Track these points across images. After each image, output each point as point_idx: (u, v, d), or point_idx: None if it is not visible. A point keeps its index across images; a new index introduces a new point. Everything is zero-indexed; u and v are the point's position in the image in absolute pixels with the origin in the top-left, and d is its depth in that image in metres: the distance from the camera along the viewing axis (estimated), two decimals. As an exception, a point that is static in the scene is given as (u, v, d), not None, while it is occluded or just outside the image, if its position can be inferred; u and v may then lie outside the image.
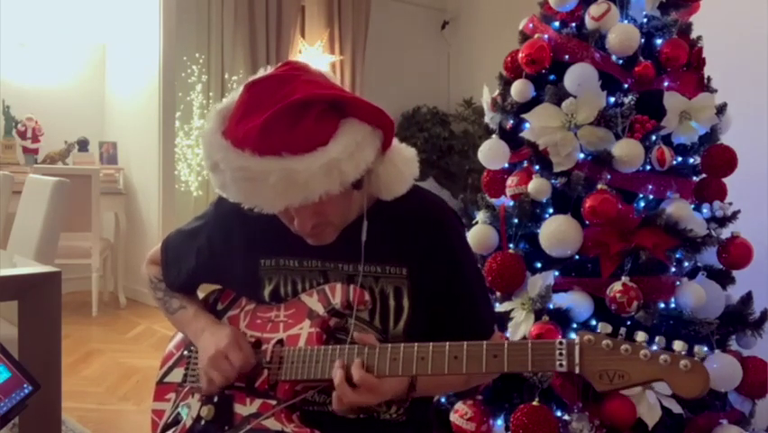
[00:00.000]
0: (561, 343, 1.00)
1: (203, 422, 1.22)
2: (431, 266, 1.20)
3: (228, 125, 1.06)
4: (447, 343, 1.06)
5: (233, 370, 1.18)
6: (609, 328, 1.00)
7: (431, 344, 1.07)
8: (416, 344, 1.08)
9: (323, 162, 1.00)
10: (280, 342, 1.21)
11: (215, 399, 1.22)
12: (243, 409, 1.20)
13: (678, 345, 0.96)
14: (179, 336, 1.40)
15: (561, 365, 0.99)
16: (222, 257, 1.30)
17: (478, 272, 1.34)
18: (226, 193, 1.08)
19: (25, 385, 1.02)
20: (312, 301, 1.21)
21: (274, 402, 1.18)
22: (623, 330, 0.99)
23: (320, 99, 1.03)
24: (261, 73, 1.10)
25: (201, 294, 1.42)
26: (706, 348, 1.86)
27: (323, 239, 1.16)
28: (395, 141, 1.14)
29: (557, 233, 1.88)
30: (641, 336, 0.98)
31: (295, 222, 1.11)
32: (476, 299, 1.27)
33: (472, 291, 1.27)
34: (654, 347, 0.98)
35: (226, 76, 5.43)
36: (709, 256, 1.99)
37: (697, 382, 0.94)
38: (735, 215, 2.02)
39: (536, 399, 1.78)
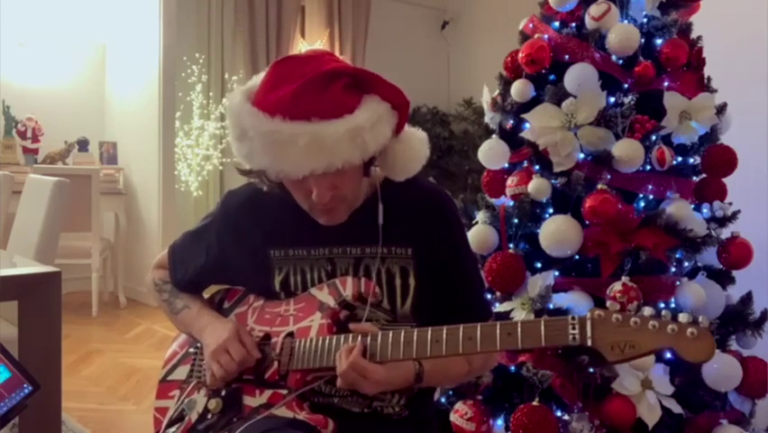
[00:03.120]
0: (573, 318, 1.03)
1: (210, 415, 1.23)
2: (433, 247, 1.24)
3: (257, 97, 1.11)
4: (461, 325, 1.09)
5: (233, 363, 1.20)
6: (618, 306, 1.03)
7: (444, 327, 1.10)
8: (429, 328, 1.11)
9: (349, 128, 1.06)
10: (291, 334, 1.22)
11: (223, 392, 1.23)
12: (253, 400, 1.21)
13: (683, 317, 0.99)
14: (183, 336, 1.41)
15: (573, 339, 1.02)
16: (231, 251, 1.32)
17: (474, 259, 1.40)
18: (252, 161, 1.12)
19: (25, 385, 1.02)
20: (323, 295, 1.23)
21: (285, 392, 1.19)
22: (631, 306, 1.03)
23: (346, 72, 1.09)
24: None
25: (206, 295, 1.42)
26: (702, 317, 1.88)
27: (335, 217, 1.19)
28: (406, 125, 1.18)
29: (557, 233, 1.88)
30: (648, 310, 1.01)
31: (313, 194, 1.13)
32: (474, 283, 1.33)
33: (471, 276, 1.32)
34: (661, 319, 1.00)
35: (226, 76, 5.43)
36: (709, 256, 1.99)
37: (704, 347, 0.97)
38: (735, 215, 2.02)
39: (536, 399, 1.78)
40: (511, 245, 1.98)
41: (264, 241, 1.28)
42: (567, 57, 2.04)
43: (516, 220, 1.99)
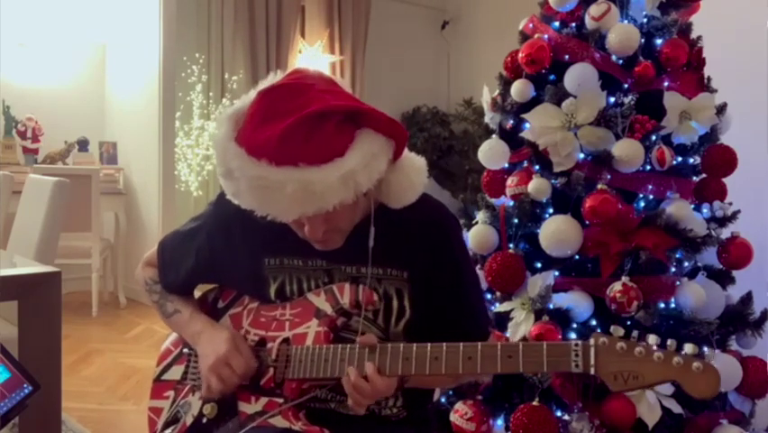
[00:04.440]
0: (576, 344, 1.02)
1: (204, 420, 1.22)
2: (432, 270, 1.21)
3: (242, 132, 1.05)
4: (461, 343, 1.08)
5: (234, 376, 1.19)
6: (621, 331, 1.02)
7: (444, 344, 1.08)
8: (428, 344, 1.09)
9: (340, 174, 1.00)
10: (286, 340, 1.21)
11: (218, 396, 1.22)
12: (248, 407, 1.20)
13: (689, 348, 0.98)
14: (176, 333, 1.40)
15: (576, 366, 1.01)
16: (223, 256, 1.29)
17: (475, 276, 1.36)
18: (239, 200, 1.07)
19: (25, 385, 1.02)
20: (319, 300, 1.21)
21: (281, 400, 1.18)
22: (635, 333, 1.02)
23: (337, 110, 1.02)
24: (271, 79, 1.10)
25: (198, 292, 1.41)
26: (708, 350, 1.88)
27: (331, 245, 1.17)
28: (405, 150, 1.14)
29: (557, 233, 1.88)
30: (652, 339, 1.00)
31: (305, 229, 1.11)
32: (474, 303, 1.30)
33: (470, 295, 1.29)
34: (666, 349, 1.00)
35: (226, 76, 5.43)
36: (709, 256, 1.99)
37: (709, 383, 0.97)
38: (735, 215, 2.02)
39: (536, 399, 1.78)
40: (511, 245, 1.98)
41: (258, 248, 1.25)
42: (567, 57, 2.04)
43: (516, 220, 1.99)
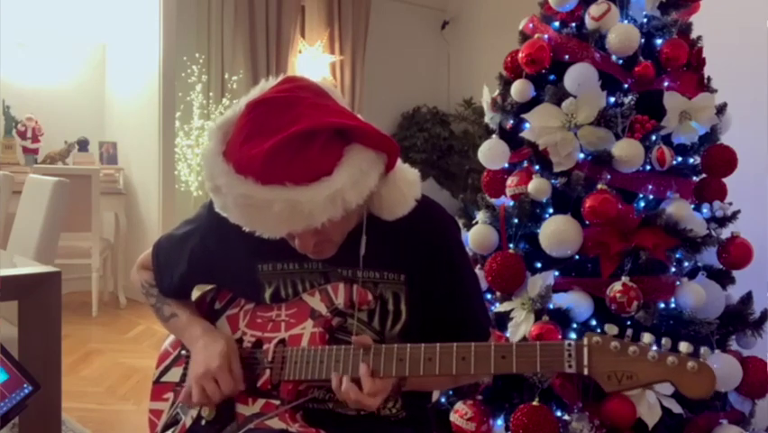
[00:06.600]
0: (569, 344, 1.01)
1: (203, 422, 1.22)
2: (429, 272, 1.20)
3: (230, 147, 1.04)
4: (454, 344, 1.07)
5: (218, 394, 1.18)
6: (616, 330, 1.02)
7: (438, 344, 1.08)
8: (422, 344, 1.09)
9: (328, 193, 1.00)
10: (282, 342, 1.21)
11: None
12: (246, 409, 1.20)
13: (684, 347, 0.97)
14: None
15: (570, 366, 1.00)
16: (217, 258, 1.29)
17: (474, 277, 1.35)
18: (227, 215, 1.07)
19: (25, 385, 1.02)
20: (314, 301, 1.21)
21: (277, 402, 1.18)
22: (629, 332, 1.01)
23: (325, 128, 1.01)
24: (261, 86, 1.10)
25: (197, 292, 1.40)
26: (704, 349, 1.88)
27: (324, 255, 1.17)
28: (398, 162, 1.13)
29: (557, 233, 1.88)
30: (647, 338, 0.99)
31: (296, 242, 1.11)
32: (473, 304, 1.29)
33: (470, 296, 1.28)
34: (660, 348, 0.99)
35: (226, 76, 5.43)
36: (709, 256, 1.99)
37: (704, 382, 0.96)
38: (735, 215, 2.02)
39: (536, 399, 1.78)
40: (511, 245, 1.98)
41: (252, 253, 1.24)
42: (567, 57, 2.04)
43: (516, 220, 1.99)
